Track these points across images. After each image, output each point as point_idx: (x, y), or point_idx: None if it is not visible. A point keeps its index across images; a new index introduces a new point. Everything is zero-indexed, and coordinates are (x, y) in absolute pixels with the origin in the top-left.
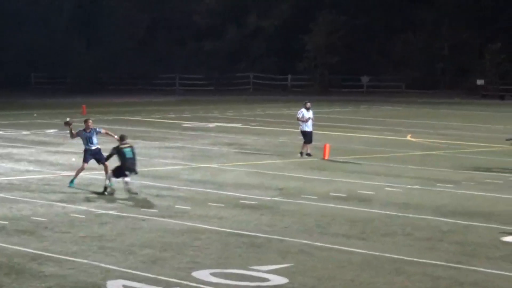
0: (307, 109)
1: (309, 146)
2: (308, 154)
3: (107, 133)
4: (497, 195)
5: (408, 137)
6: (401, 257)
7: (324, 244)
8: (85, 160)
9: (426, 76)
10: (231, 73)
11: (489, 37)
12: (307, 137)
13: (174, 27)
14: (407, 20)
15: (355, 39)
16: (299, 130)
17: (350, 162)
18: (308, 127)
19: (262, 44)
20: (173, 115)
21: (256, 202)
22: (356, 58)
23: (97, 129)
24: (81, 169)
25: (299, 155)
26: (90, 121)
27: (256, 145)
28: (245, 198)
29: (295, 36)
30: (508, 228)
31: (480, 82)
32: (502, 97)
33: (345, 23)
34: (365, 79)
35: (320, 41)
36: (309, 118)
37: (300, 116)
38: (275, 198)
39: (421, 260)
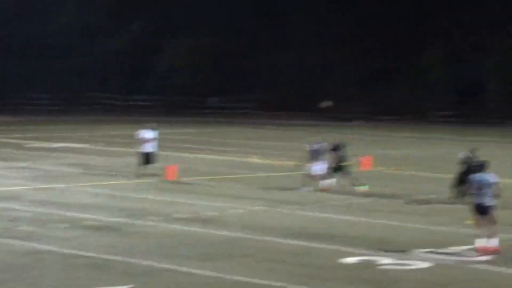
0: (150, 129)
1: (153, 167)
2: (154, 175)
3: None
4: (339, 216)
5: (255, 159)
6: (243, 278)
7: (166, 266)
8: None
9: (277, 98)
10: (80, 93)
11: (338, 60)
12: (149, 158)
13: (24, 46)
14: (256, 41)
15: (205, 60)
16: (138, 151)
17: (195, 184)
18: (149, 148)
19: (112, 64)
20: (18, 135)
21: (100, 223)
22: (205, 79)
23: None
24: None
25: (136, 177)
26: None
27: (102, 165)
28: (89, 219)
29: (145, 56)
30: (347, 249)
31: (328, 104)
32: (349, 119)
33: (193, 45)
34: (214, 100)
35: (170, 61)
36: (151, 138)
37: (142, 136)
38: (119, 219)
39: (264, 282)
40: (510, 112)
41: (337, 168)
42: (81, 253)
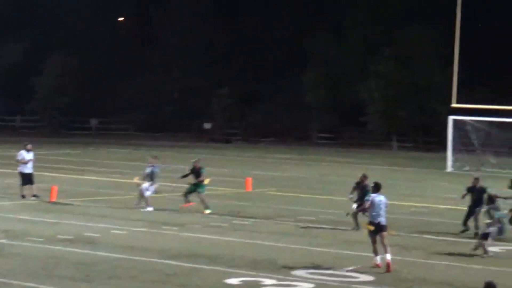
0: (28, 150)
1: (34, 187)
2: (35, 196)
3: None
4: (221, 238)
5: (135, 180)
6: None
7: (49, 287)
8: None
9: (155, 119)
10: None
11: (217, 81)
12: (26, 178)
13: None
14: (137, 64)
15: (85, 82)
16: (18, 172)
17: (78, 205)
18: (28, 168)
19: None
20: None
21: None
22: (86, 100)
23: None
24: None
25: (21, 197)
26: None
27: None
28: None
29: (24, 76)
30: (231, 270)
31: (207, 125)
32: (228, 141)
33: (75, 65)
34: (94, 122)
35: (50, 82)
36: (29, 160)
37: (20, 158)
38: (1, 241)
39: None
40: (389, 134)
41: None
42: None
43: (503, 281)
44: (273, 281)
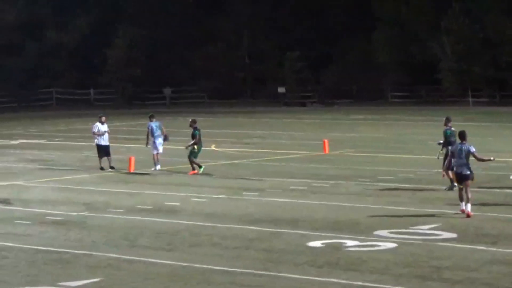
0: (102, 122)
1: (110, 159)
2: (112, 167)
3: None
4: (301, 201)
5: (212, 147)
6: (210, 266)
7: (132, 257)
8: None
9: (228, 86)
10: (33, 89)
11: (288, 46)
12: (102, 150)
13: None
14: (207, 32)
15: (156, 52)
16: (95, 144)
17: (155, 174)
18: (104, 140)
19: (63, 59)
20: None
21: (63, 218)
22: (158, 70)
23: None
24: None
25: (100, 169)
26: None
27: (61, 160)
28: (51, 214)
29: (96, 50)
30: (313, 233)
31: (281, 90)
32: (303, 104)
33: (145, 36)
34: (167, 91)
35: (121, 54)
36: (104, 131)
37: (95, 130)
38: (82, 213)
39: (229, 269)
40: (464, 90)
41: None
42: (45, 248)
43: None
44: (356, 242)
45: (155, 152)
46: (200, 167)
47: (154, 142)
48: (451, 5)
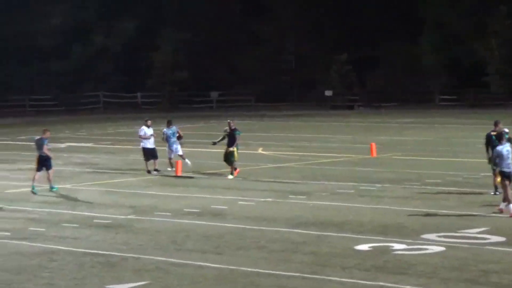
0: (148, 126)
1: (156, 162)
2: (156, 170)
3: None
4: (348, 204)
5: (260, 150)
6: (256, 270)
7: (179, 260)
8: None
9: (275, 89)
10: (80, 93)
11: (334, 49)
12: (149, 153)
13: (17, 49)
14: (252, 35)
15: (202, 55)
16: (141, 147)
17: (203, 177)
18: (151, 143)
19: (109, 63)
20: (23, 137)
21: (110, 221)
22: (204, 74)
23: None
24: None
25: (146, 172)
26: None
27: (108, 163)
28: (99, 218)
29: (141, 53)
30: (360, 236)
31: (328, 93)
32: (350, 107)
33: (190, 40)
34: (214, 94)
35: (167, 58)
36: (151, 135)
37: (141, 133)
38: (129, 216)
39: (275, 272)
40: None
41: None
42: (93, 251)
43: None
44: (403, 246)
45: (171, 156)
46: (231, 173)
47: (170, 147)
48: (498, 8)
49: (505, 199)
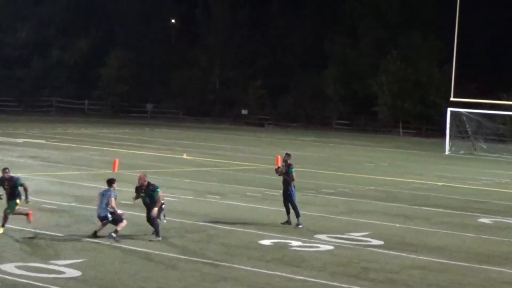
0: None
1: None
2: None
3: None
4: (255, 205)
5: (184, 156)
6: (176, 255)
7: (111, 244)
8: None
9: (200, 105)
10: (37, 97)
11: (252, 74)
12: None
13: None
14: (185, 58)
15: (142, 72)
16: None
17: (134, 175)
18: None
19: (64, 73)
20: None
21: (56, 207)
22: (142, 88)
23: None
24: None
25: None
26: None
27: (57, 158)
28: (46, 203)
29: (92, 67)
30: (264, 233)
31: (244, 111)
32: (261, 125)
33: (133, 59)
34: (149, 106)
35: (112, 72)
36: None
37: None
38: (72, 204)
39: (192, 258)
40: (396, 122)
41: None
42: (39, 231)
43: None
44: (299, 243)
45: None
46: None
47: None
48: (391, 51)
49: None
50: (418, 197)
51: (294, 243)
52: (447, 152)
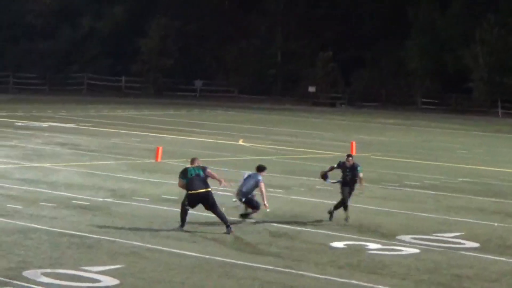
0: None
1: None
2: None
3: None
4: (326, 201)
5: (240, 142)
6: (231, 260)
7: (155, 246)
8: None
9: (259, 82)
10: (65, 74)
11: (320, 46)
12: None
13: (6, 26)
14: (240, 27)
15: (189, 44)
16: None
17: (183, 165)
18: None
19: (96, 46)
20: (5, 114)
21: (88, 203)
22: (189, 62)
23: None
24: None
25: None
26: None
27: (89, 145)
28: (77, 199)
29: (129, 38)
30: (336, 234)
31: (311, 89)
32: (333, 105)
33: (178, 28)
34: (198, 83)
35: (154, 44)
36: None
37: None
38: (107, 199)
39: (250, 264)
40: (494, 101)
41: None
42: (69, 232)
43: None
44: (378, 246)
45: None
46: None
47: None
48: (486, 16)
49: None
50: None
51: (372, 245)
52: None
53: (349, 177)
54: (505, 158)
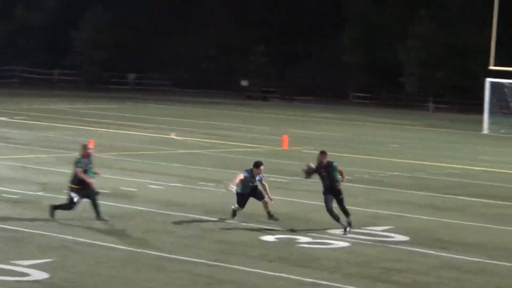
0: None
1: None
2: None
3: None
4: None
5: (172, 135)
6: (162, 254)
7: (85, 240)
8: None
9: (193, 76)
10: None
11: (255, 39)
12: None
13: None
14: (176, 21)
15: (123, 37)
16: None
17: (114, 159)
18: None
19: (29, 38)
20: None
21: (19, 196)
22: (123, 55)
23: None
24: None
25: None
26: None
27: (21, 139)
28: (7, 192)
29: (63, 31)
30: (267, 227)
31: (244, 83)
32: (264, 98)
33: (113, 21)
34: (131, 76)
35: (88, 37)
36: None
37: None
38: (38, 193)
39: (181, 258)
40: (426, 95)
41: None
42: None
43: None
44: (308, 239)
45: None
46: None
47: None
48: (420, 10)
49: None
50: (451, 184)
51: (303, 239)
52: (486, 131)
53: (326, 178)
54: (436, 152)
